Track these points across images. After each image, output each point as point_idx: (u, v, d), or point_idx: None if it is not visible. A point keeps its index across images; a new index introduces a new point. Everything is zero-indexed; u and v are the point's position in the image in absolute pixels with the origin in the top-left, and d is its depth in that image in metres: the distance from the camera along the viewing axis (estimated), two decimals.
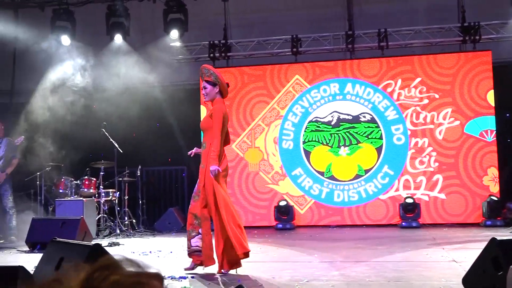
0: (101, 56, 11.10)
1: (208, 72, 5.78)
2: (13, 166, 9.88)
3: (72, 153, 10.52)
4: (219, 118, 5.58)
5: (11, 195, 9.86)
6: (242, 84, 11.64)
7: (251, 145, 11.51)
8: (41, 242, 7.97)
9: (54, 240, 5.04)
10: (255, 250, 7.62)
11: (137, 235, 10.05)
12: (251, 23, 12.19)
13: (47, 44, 10.92)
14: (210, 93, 5.76)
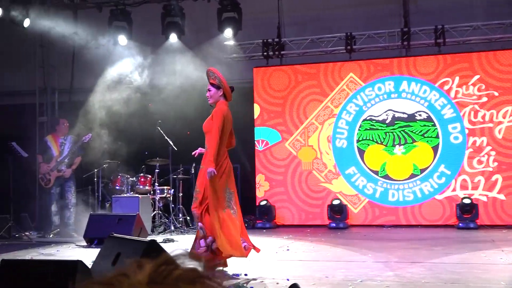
0: (157, 55, 11.27)
1: (213, 75, 5.93)
2: (76, 163, 10.20)
3: (128, 150, 10.72)
4: (218, 120, 5.72)
5: (74, 192, 10.18)
6: (296, 83, 11.61)
7: (305, 144, 11.47)
8: (99, 238, 8.16)
9: (111, 236, 5.16)
10: (308, 249, 7.60)
11: (190, 232, 10.14)
12: (305, 21, 12.15)
13: (105, 43, 11.17)
14: (214, 95, 5.92)
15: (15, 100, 13.40)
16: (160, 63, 11.20)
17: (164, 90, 11.38)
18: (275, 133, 11.61)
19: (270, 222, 10.99)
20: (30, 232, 10.18)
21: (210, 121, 5.84)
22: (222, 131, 5.79)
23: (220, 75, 5.94)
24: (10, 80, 13.35)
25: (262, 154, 11.62)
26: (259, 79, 11.77)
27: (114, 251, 4.76)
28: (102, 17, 11.29)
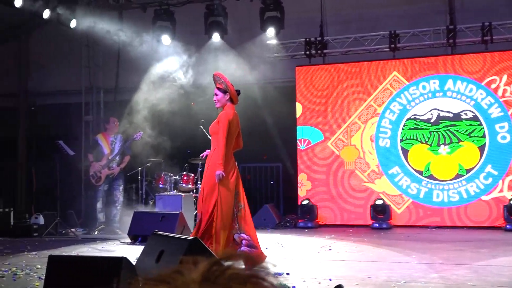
0: (200, 55, 11.36)
1: (220, 79, 6.09)
2: (125, 162, 10.39)
3: (171, 149, 10.84)
4: (224, 124, 5.87)
5: (122, 190, 10.36)
6: (338, 81, 11.54)
7: (347, 143, 11.39)
8: (142, 235, 8.28)
9: (155, 233, 5.23)
10: (350, 249, 7.55)
11: None
12: (348, 19, 12.06)
13: (148, 43, 11.31)
14: (221, 99, 6.08)
15: (62, 99, 13.70)
16: (203, 62, 11.28)
17: (207, 89, 11.44)
18: (317, 132, 11.56)
19: (312, 221, 10.95)
20: (76, 228, 10.40)
21: (216, 124, 6.00)
22: (229, 134, 5.95)
23: (226, 80, 6.10)
24: (57, 79, 13.65)
25: (304, 153, 11.59)
26: (301, 78, 11.74)
27: (157, 248, 4.82)
28: (146, 17, 11.43)
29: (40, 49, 13.94)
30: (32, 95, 13.85)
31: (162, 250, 4.72)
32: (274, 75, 11.88)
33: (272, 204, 11.89)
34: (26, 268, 5.91)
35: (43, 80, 13.88)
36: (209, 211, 5.80)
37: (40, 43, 13.97)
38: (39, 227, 9.93)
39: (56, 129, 12.94)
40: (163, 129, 10.73)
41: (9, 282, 5.16)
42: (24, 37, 14.01)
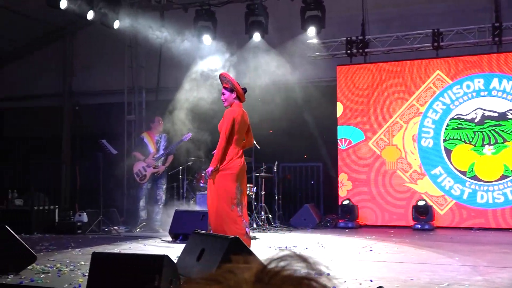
0: (240, 54, 11.39)
1: (226, 79, 6.34)
2: (169, 161, 10.51)
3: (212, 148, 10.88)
4: (228, 121, 6.11)
5: (165, 189, 10.48)
6: (380, 81, 11.42)
7: (389, 143, 11.26)
8: (183, 233, 8.35)
9: (196, 232, 5.27)
10: (392, 250, 7.47)
11: (273, 230, 10.22)
12: (390, 17, 11.92)
13: (190, 43, 11.41)
14: (228, 98, 6.32)
15: (105, 99, 13.94)
16: (244, 62, 11.31)
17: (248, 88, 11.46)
18: (358, 132, 11.47)
19: (352, 221, 10.88)
20: (118, 226, 10.56)
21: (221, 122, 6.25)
22: (234, 132, 6.16)
23: (232, 79, 6.34)
24: (100, 79, 13.91)
25: (345, 153, 11.51)
26: (342, 77, 11.66)
27: (198, 247, 4.86)
28: (188, 18, 11.53)
29: (84, 50, 14.22)
30: (76, 95, 14.12)
31: (203, 248, 4.76)
32: (315, 75, 11.84)
33: (313, 204, 11.85)
34: (70, 265, 6.03)
35: (86, 80, 14.16)
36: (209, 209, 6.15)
37: (84, 44, 14.25)
38: (83, 224, 10.12)
39: (99, 128, 13.17)
40: (204, 128, 10.79)
41: (54, 278, 5.28)
42: (69, 38, 14.31)
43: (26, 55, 14.70)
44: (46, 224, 10.38)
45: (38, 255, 5.98)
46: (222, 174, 6.12)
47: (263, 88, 11.30)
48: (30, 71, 14.65)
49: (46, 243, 8.21)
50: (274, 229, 10.32)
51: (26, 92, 14.63)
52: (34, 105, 14.80)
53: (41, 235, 9.78)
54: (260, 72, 11.31)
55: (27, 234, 9.60)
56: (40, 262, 5.97)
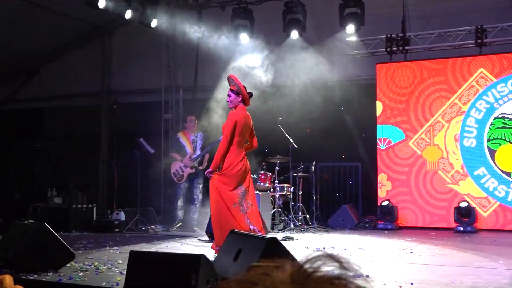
0: (278, 53, 11.37)
1: (233, 82, 6.57)
2: (206, 161, 10.55)
3: None
4: (230, 123, 6.37)
5: (202, 188, 10.53)
6: (421, 79, 11.26)
7: (430, 143, 11.09)
8: None
9: (233, 232, 5.28)
10: (433, 252, 7.36)
11: (310, 231, 10.18)
12: (431, 14, 11.74)
13: (227, 42, 11.44)
14: (233, 100, 6.57)
15: (142, 98, 14.09)
16: (282, 60, 11.29)
17: (285, 87, 11.47)
18: (398, 131, 11.33)
19: (392, 223, 10.75)
20: (155, 225, 10.66)
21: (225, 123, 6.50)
22: (236, 134, 6.41)
23: (239, 82, 6.56)
24: (138, 78, 14.07)
25: (385, 153, 11.39)
26: (382, 75, 11.54)
27: (235, 246, 4.87)
28: (225, 16, 11.57)
29: (122, 49, 14.41)
30: (114, 94, 14.32)
31: (240, 248, 4.76)
32: (354, 73, 11.74)
33: (351, 205, 11.77)
34: (108, 263, 6.11)
35: (124, 79, 14.35)
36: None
37: (122, 43, 14.44)
38: (120, 223, 10.26)
39: (136, 127, 13.31)
40: None
41: (92, 276, 5.35)
42: (107, 37, 14.51)
43: (65, 55, 14.97)
44: (84, 222, 10.55)
45: (76, 253, 6.08)
46: (223, 174, 6.36)
47: (301, 87, 11.27)
48: (69, 70, 14.92)
49: (84, 241, 8.35)
50: (312, 230, 10.27)
51: (65, 92, 14.90)
52: (73, 104, 15.06)
53: (79, 233, 9.94)
54: (298, 71, 11.28)
55: (66, 232, 9.78)
56: (78, 260, 6.06)
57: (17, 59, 14.64)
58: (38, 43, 14.06)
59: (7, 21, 12.37)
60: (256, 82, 11.18)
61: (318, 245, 8.06)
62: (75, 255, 5.90)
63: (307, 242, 8.48)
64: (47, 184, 10.46)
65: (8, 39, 12.78)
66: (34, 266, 5.42)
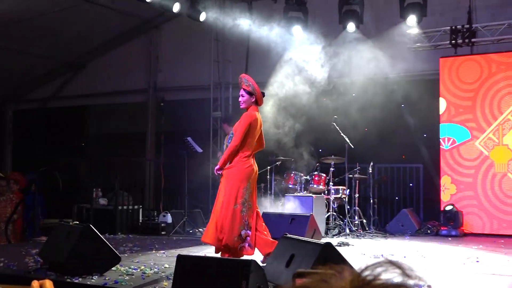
0: (334, 47, 11.31)
1: (247, 82, 6.73)
2: None
3: (302, 147, 10.89)
4: (244, 124, 6.55)
5: None
6: (489, 74, 11.00)
7: (498, 143, 10.84)
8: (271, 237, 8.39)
9: (285, 236, 5.28)
10: (501, 262, 7.19)
11: (367, 236, 10.09)
12: (501, 3, 11.46)
13: (279, 35, 11.44)
14: (247, 101, 6.71)
15: (190, 95, 14.23)
16: (337, 54, 11.22)
17: (341, 83, 11.40)
18: (463, 131, 11.11)
19: (456, 229, 10.55)
20: (203, 228, 10.74)
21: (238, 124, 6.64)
22: (249, 136, 6.60)
23: (253, 82, 6.74)
24: (186, 74, 14.22)
25: (448, 154, 11.18)
26: (446, 70, 11.33)
27: (288, 252, 4.87)
28: (277, 8, 11.58)
29: (170, 44, 14.59)
30: (161, 91, 14.52)
31: (293, 254, 4.76)
32: (415, 68, 11.57)
33: (411, 209, 11.61)
34: (155, 267, 6.20)
35: (172, 75, 14.53)
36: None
37: (170, 38, 14.62)
38: (167, 225, 10.40)
39: (184, 125, 13.46)
40: (293, 126, 10.81)
41: (138, 281, 5.45)
42: (154, 32, 14.72)
43: (111, 50, 15.26)
44: (130, 225, 10.75)
45: (122, 256, 6.20)
46: (230, 173, 6.60)
47: (358, 83, 11.18)
48: (115, 66, 15.21)
49: (130, 244, 8.50)
50: (369, 235, 10.18)
51: (111, 88, 15.20)
52: (117, 101, 15.35)
53: (124, 235, 10.13)
54: (355, 66, 11.20)
55: (111, 234, 9.98)
56: (124, 264, 6.18)
57: (63, 55, 15.03)
58: (84, 38, 14.39)
59: (54, 15, 12.70)
60: (310, 77, 11.17)
61: (376, 252, 7.98)
62: (121, 258, 6.01)
63: (364, 248, 8.41)
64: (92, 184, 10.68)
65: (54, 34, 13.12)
66: (79, 269, 5.55)
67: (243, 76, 6.91)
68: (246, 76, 6.95)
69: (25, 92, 16.48)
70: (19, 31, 13.03)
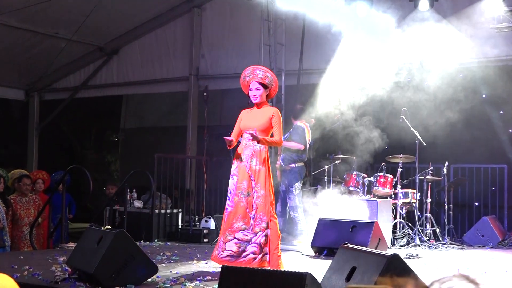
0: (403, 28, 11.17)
1: (265, 74, 6.99)
2: None
3: (364, 144, 10.80)
4: (280, 120, 6.96)
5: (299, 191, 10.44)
6: None
7: None
8: (329, 247, 8.37)
9: (345, 246, 5.24)
10: None
11: (441, 248, 9.97)
12: None
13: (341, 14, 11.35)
14: (262, 95, 6.99)
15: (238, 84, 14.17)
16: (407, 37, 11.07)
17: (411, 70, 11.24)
18: None
19: None
20: None
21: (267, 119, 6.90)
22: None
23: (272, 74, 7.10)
24: (232, 60, 14.19)
25: None
26: None
27: (348, 264, 4.84)
28: None
29: (214, 26, 14.62)
30: (203, 79, 14.56)
31: (354, 267, 4.73)
32: (500, 52, 11.32)
33: (493, 217, 11.43)
34: (196, 279, 6.23)
35: (216, 61, 14.55)
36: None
37: (214, 19, 14.65)
38: (210, 232, 10.47)
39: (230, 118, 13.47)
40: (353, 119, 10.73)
41: None
42: (197, 12, 14.76)
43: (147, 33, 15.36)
44: (168, 231, 10.84)
45: (159, 266, 6.26)
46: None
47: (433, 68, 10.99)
48: (151, 51, 15.32)
49: (168, 252, 8.57)
50: (443, 247, 10.06)
51: (147, 76, 15.32)
52: (154, 91, 15.49)
53: (162, 243, 10.23)
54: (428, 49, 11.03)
55: (147, 242, 10.10)
56: (161, 275, 6.23)
57: (94, 39, 15.23)
58: (117, 20, 14.55)
59: None
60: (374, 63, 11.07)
61: (451, 265, 7.88)
62: (158, 268, 6.06)
63: (437, 261, 8.31)
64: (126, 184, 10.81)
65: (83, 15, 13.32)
66: (111, 280, 5.61)
67: (257, 68, 7.12)
68: (260, 67, 7.20)
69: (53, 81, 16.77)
70: (45, 13, 13.27)
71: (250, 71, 7.05)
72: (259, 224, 6.68)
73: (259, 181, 6.77)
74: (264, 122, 6.89)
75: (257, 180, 6.78)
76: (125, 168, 16.09)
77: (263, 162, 6.82)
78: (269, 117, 6.88)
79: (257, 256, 6.63)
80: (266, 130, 6.89)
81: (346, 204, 10.06)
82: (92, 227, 6.68)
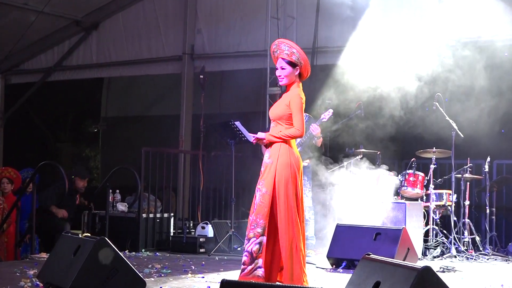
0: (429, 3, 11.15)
1: (290, 50, 6.60)
2: None
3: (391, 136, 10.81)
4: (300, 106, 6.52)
5: (309, 191, 10.47)
6: None
7: None
8: (348, 259, 8.37)
9: (367, 258, 5.24)
10: None
11: (481, 259, 9.97)
12: None
13: None
14: (289, 75, 6.60)
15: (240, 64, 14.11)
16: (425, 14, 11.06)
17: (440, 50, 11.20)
18: None
19: None
20: None
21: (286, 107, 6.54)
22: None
23: (299, 50, 6.64)
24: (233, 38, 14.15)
25: None
26: None
27: (371, 278, 4.85)
28: None
29: None
30: (199, 58, 14.53)
31: (378, 281, 4.74)
32: None
33: None
34: None
35: (215, 37, 14.51)
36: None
37: None
38: (207, 240, 10.45)
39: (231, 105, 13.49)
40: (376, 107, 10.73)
41: None
42: None
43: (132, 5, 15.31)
44: (158, 239, 10.85)
45: (147, 281, 6.27)
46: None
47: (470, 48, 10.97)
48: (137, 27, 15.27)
49: (158, 264, 8.58)
50: (484, 258, 10.05)
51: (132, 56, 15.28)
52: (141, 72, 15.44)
53: (151, 253, 10.24)
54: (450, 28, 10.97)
55: (133, 252, 10.11)
56: None
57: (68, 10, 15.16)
58: None
59: None
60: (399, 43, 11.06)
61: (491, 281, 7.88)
62: (146, 283, 6.07)
63: (476, 275, 8.31)
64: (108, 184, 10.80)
65: None
66: None
67: (282, 42, 6.78)
68: (286, 41, 6.85)
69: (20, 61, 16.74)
70: None
71: (276, 46, 6.75)
72: (254, 228, 6.40)
73: (266, 177, 6.48)
74: (280, 111, 6.64)
75: (264, 176, 6.51)
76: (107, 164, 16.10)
77: (276, 155, 6.54)
78: (286, 104, 6.56)
79: (246, 267, 6.38)
80: (286, 120, 6.58)
81: (369, 207, 10.08)
82: (68, 235, 6.67)
